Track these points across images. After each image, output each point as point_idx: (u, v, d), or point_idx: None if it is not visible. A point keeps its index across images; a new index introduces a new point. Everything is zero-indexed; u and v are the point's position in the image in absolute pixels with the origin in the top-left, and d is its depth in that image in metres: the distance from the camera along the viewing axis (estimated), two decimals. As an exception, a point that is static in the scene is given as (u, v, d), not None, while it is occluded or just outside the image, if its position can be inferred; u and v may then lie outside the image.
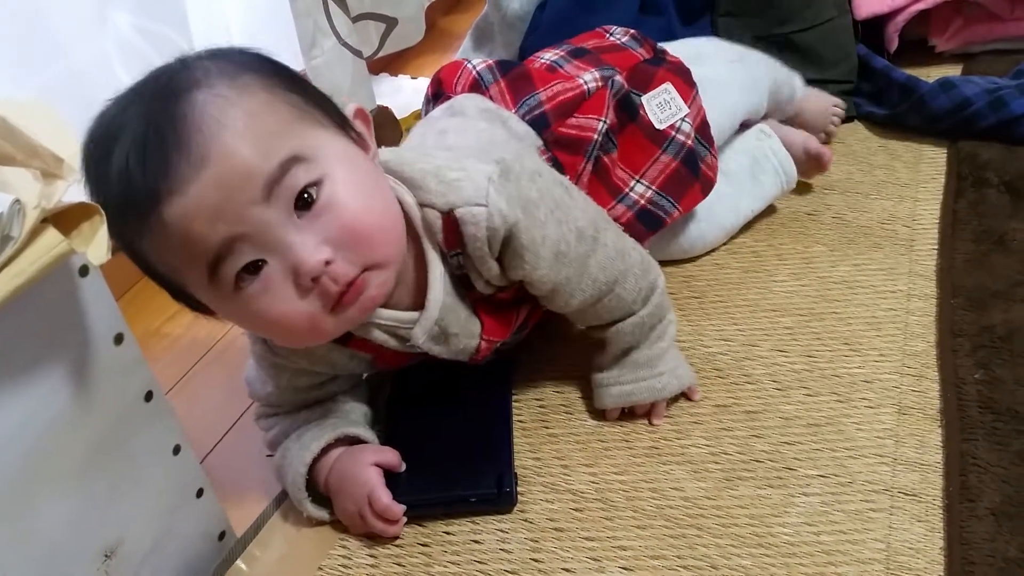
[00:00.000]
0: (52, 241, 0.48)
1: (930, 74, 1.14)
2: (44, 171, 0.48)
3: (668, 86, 0.89)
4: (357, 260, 0.61)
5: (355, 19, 1.11)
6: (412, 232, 0.69)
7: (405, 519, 0.73)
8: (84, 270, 0.56)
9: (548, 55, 0.92)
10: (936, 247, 0.94)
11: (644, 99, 0.88)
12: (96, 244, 0.49)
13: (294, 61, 1.14)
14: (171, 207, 0.56)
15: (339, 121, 0.65)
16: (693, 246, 0.97)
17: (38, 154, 0.48)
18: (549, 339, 0.88)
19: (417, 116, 1.19)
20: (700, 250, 0.98)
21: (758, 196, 1.00)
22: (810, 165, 1.02)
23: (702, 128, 0.91)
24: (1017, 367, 0.78)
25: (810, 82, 1.16)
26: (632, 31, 0.97)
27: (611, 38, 0.96)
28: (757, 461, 0.76)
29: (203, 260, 0.59)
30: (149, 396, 0.63)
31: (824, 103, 1.11)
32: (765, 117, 1.05)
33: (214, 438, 0.88)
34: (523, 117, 0.82)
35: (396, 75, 1.41)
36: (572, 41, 0.96)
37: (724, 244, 0.99)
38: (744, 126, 1.02)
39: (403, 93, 1.36)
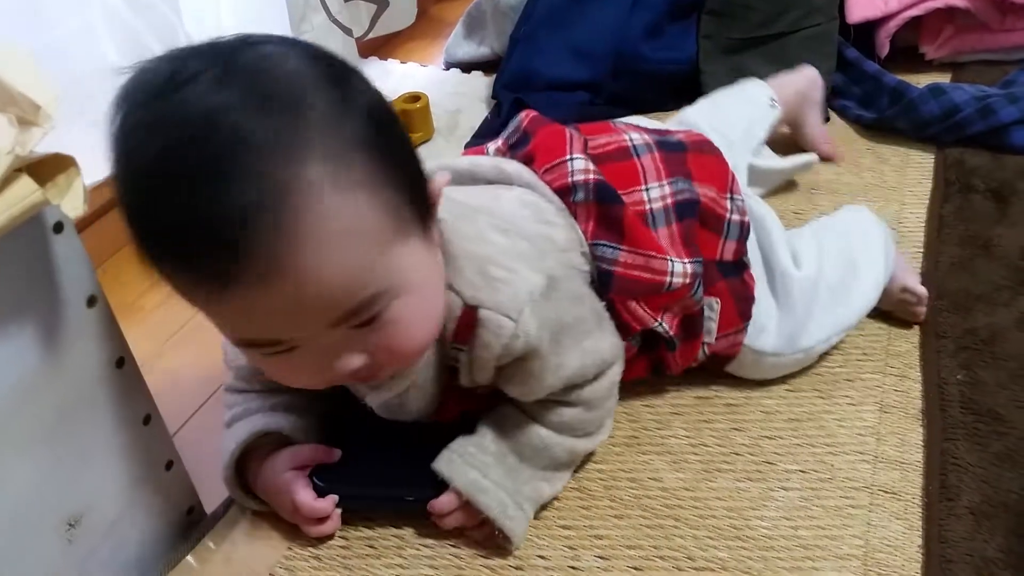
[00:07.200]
0: (26, 190, 0.46)
1: (919, 81, 1.14)
2: (20, 117, 0.46)
3: (715, 303, 0.76)
4: (387, 365, 0.60)
5: (346, -2, 1.10)
6: None
7: (339, 511, 0.70)
8: (58, 227, 0.54)
9: (657, 191, 0.75)
10: (922, 250, 0.94)
11: None
12: (72, 196, 0.47)
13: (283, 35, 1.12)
14: (219, 293, 0.50)
15: (424, 213, 0.57)
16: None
17: (14, 100, 0.46)
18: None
19: (406, 100, 1.18)
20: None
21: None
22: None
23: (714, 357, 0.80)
24: (999, 369, 0.78)
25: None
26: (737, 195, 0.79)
27: (727, 202, 0.78)
28: (737, 454, 0.75)
29: (235, 336, 0.56)
30: (121, 363, 0.62)
31: (893, 288, 0.84)
32: None
33: (185, 414, 0.86)
34: (595, 260, 0.71)
35: (385, 59, 1.40)
36: (695, 172, 0.78)
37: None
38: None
39: (392, 77, 1.34)
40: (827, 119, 1.17)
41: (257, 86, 0.49)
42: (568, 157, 0.72)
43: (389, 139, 0.54)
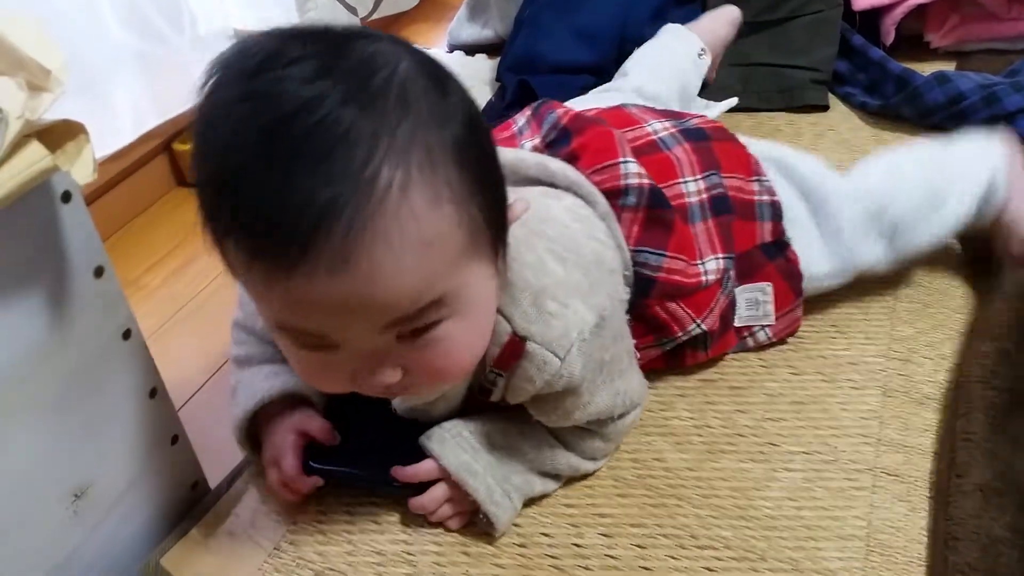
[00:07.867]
0: (35, 155, 0.45)
1: (924, 70, 1.14)
2: (30, 82, 0.46)
3: (768, 287, 0.79)
4: (421, 385, 0.59)
5: (352, -23, 1.09)
6: None
7: (318, 483, 0.69)
8: (67, 196, 0.54)
9: (693, 186, 0.76)
10: (927, 235, 0.94)
11: (737, 291, 0.79)
12: (81, 163, 0.47)
13: (288, 13, 1.12)
14: (283, 276, 0.48)
15: (497, 238, 0.56)
16: None
17: (24, 65, 0.46)
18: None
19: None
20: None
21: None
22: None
23: (780, 339, 0.83)
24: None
25: (783, 67, 1.17)
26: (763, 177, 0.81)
27: (755, 185, 0.80)
28: (740, 435, 0.75)
29: (275, 320, 0.54)
30: (127, 335, 0.61)
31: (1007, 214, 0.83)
32: None
33: (190, 390, 0.86)
34: (636, 265, 0.71)
35: (389, 41, 1.39)
36: (723, 162, 0.79)
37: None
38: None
39: (395, 59, 1.33)
40: (827, 106, 1.17)
41: (362, 81, 0.47)
42: (621, 160, 0.72)
43: (481, 153, 0.54)
